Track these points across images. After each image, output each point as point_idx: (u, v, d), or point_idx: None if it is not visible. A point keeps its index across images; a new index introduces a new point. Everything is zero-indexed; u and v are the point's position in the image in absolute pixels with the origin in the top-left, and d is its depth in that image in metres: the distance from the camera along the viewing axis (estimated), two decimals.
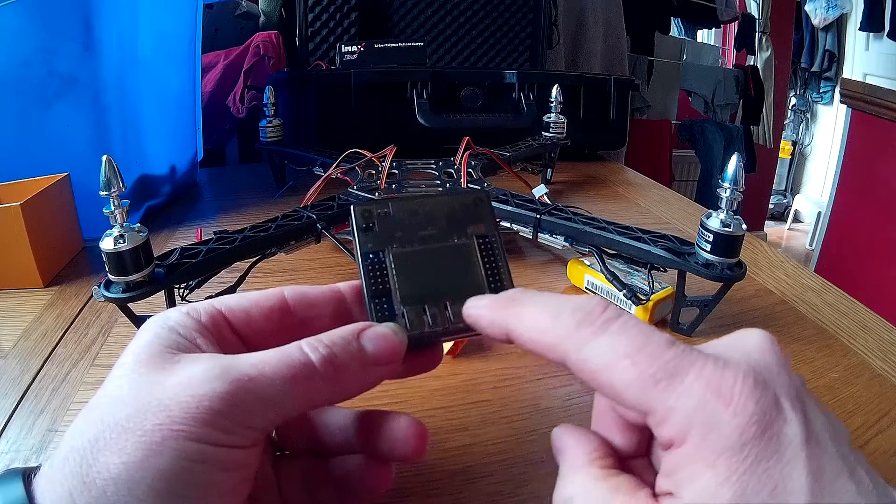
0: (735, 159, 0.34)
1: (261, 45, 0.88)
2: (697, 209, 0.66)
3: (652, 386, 0.16)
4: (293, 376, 0.18)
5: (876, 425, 0.31)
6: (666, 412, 0.16)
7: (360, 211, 0.23)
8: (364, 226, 0.23)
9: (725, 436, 0.15)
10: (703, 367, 0.16)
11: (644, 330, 0.17)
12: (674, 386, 0.16)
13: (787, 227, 3.33)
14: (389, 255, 0.23)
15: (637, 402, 0.17)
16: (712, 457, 0.15)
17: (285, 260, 0.46)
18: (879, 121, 1.33)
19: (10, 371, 0.34)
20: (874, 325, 0.42)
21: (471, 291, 0.22)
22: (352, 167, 0.54)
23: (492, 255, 0.23)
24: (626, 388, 0.17)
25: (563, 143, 0.68)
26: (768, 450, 0.15)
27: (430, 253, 0.23)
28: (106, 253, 0.31)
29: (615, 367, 0.17)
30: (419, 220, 0.24)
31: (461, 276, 0.23)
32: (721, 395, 0.16)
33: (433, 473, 0.26)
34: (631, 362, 0.17)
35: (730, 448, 0.15)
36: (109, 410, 0.17)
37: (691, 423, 0.16)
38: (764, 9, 2.20)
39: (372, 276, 0.22)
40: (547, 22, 0.98)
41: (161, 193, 0.61)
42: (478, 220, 0.24)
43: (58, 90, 0.47)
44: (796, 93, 3.26)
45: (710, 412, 0.16)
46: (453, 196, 0.24)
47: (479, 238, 0.23)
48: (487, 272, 0.23)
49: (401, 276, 0.22)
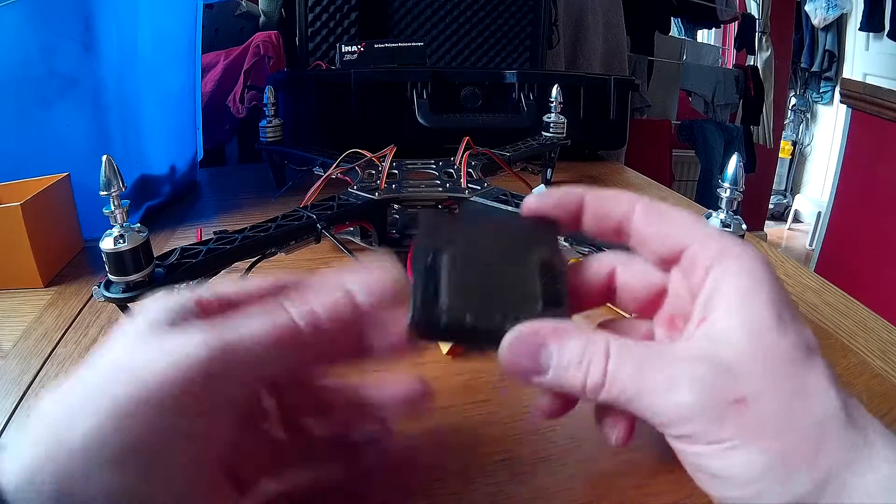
0: (735, 159, 0.34)
1: (261, 45, 0.88)
2: (697, 209, 0.66)
3: (701, 224, 0.22)
4: (278, 338, 0.19)
5: None
6: (710, 238, 0.21)
7: (428, 214, 0.24)
8: (428, 226, 0.23)
9: (757, 256, 0.20)
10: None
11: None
12: (715, 228, 0.22)
13: (787, 227, 3.33)
14: (446, 254, 0.22)
15: (690, 233, 0.21)
16: (749, 266, 0.20)
17: (285, 260, 0.46)
18: (879, 121, 1.33)
19: (10, 371, 0.34)
20: (874, 325, 0.42)
21: (523, 300, 0.21)
22: (352, 167, 0.54)
23: (552, 272, 0.22)
24: (683, 221, 0.22)
25: (563, 143, 0.68)
26: (781, 284, 0.20)
27: (489, 259, 0.22)
28: (106, 253, 0.31)
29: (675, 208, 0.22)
30: (484, 232, 0.23)
31: (517, 284, 0.22)
32: (745, 242, 0.21)
33: (433, 473, 0.26)
34: (686, 210, 0.22)
35: (761, 263, 0.20)
36: (81, 381, 0.17)
37: (729, 245, 0.20)
38: (764, 9, 2.20)
39: (424, 268, 0.21)
40: (547, 22, 0.98)
41: (161, 193, 0.61)
42: (543, 242, 0.23)
43: (58, 90, 0.47)
44: (796, 93, 3.27)
45: (741, 242, 0.21)
46: (522, 218, 0.24)
47: (541, 255, 0.23)
48: (544, 286, 0.21)
49: (454, 273, 0.21)
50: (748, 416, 0.18)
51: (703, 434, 0.18)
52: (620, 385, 0.19)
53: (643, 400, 0.19)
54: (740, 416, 0.18)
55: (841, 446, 0.18)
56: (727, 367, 0.18)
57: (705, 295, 0.20)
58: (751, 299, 0.19)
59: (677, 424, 0.18)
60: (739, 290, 0.19)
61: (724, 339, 0.19)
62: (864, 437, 0.18)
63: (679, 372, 0.18)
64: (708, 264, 0.20)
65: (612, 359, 0.19)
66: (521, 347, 0.20)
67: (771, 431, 0.18)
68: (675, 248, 0.22)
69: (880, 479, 0.17)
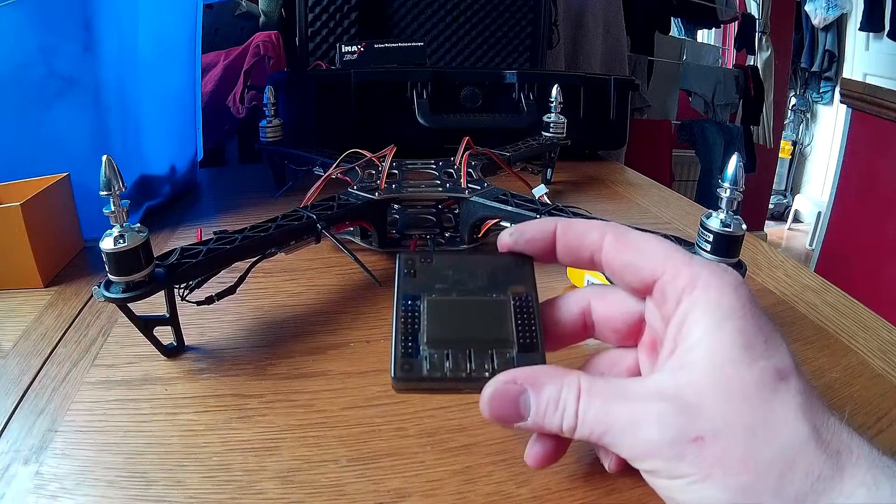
0: (735, 159, 0.34)
1: (261, 45, 0.88)
2: (697, 209, 0.66)
3: (672, 252, 0.22)
4: None
5: (876, 425, 0.31)
6: (681, 267, 0.21)
7: (405, 259, 0.24)
8: (406, 272, 0.24)
9: (728, 282, 0.20)
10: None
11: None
12: (689, 255, 0.22)
13: (787, 227, 3.33)
14: (425, 301, 0.23)
15: (661, 262, 0.21)
16: (718, 296, 0.20)
17: (285, 260, 0.46)
18: (879, 121, 1.33)
19: (10, 371, 0.34)
20: (874, 325, 0.42)
21: (498, 345, 0.22)
22: (352, 167, 0.54)
23: (526, 312, 0.23)
24: (654, 251, 0.22)
25: (563, 143, 0.67)
26: (757, 308, 0.20)
27: (464, 304, 0.23)
28: (106, 253, 0.31)
29: (647, 238, 0.23)
30: (460, 273, 0.24)
31: (492, 329, 0.23)
32: (722, 267, 0.21)
33: (433, 473, 0.26)
34: (658, 238, 0.23)
35: (734, 291, 0.20)
36: None
37: (700, 273, 0.21)
38: (764, 9, 2.20)
39: (404, 318, 0.23)
40: (547, 22, 0.98)
41: (161, 193, 0.61)
42: (519, 281, 0.24)
43: (58, 90, 0.47)
44: (796, 93, 3.26)
45: (716, 269, 0.21)
46: (498, 257, 0.25)
47: (516, 297, 0.24)
48: (518, 328, 0.23)
49: (432, 322, 0.23)
50: (707, 453, 0.18)
51: (666, 469, 0.19)
52: (590, 424, 0.20)
53: (611, 437, 0.20)
54: (700, 452, 0.18)
55: (809, 475, 0.18)
56: (688, 404, 0.19)
57: (675, 326, 0.21)
58: (717, 332, 0.19)
59: (642, 459, 0.19)
60: (706, 323, 0.20)
61: (688, 373, 0.19)
62: (836, 463, 0.18)
63: (641, 410, 0.19)
64: (678, 297, 0.21)
65: (582, 399, 0.20)
66: (500, 399, 0.21)
67: (731, 466, 0.18)
68: (647, 279, 0.22)
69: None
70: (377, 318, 0.40)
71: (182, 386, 0.33)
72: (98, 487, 0.26)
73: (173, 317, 0.35)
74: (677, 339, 0.20)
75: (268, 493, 0.25)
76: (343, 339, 0.37)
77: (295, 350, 0.36)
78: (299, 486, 0.26)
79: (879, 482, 0.17)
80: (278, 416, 0.30)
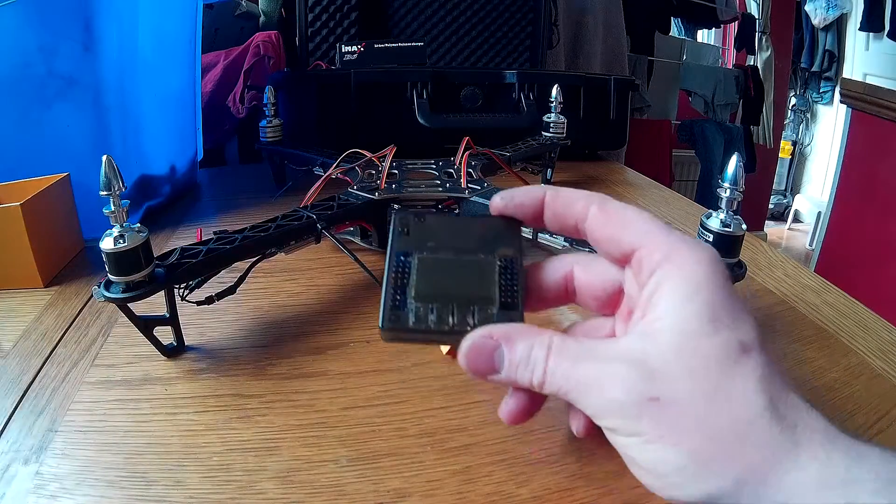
0: (735, 159, 0.34)
1: (261, 45, 0.88)
2: (697, 209, 0.66)
3: (652, 226, 0.22)
4: None
5: (876, 425, 0.31)
6: (659, 241, 0.22)
7: (400, 216, 0.25)
8: (400, 230, 0.25)
9: (702, 257, 0.21)
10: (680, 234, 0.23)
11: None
12: (668, 229, 0.22)
13: (787, 227, 3.33)
14: (415, 258, 0.24)
15: (641, 235, 0.22)
16: (691, 269, 0.21)
17: (285, 260, 0.46)
18: (879, 121, 1.33)
19: (10, 371, 0.34)
20: (874, 325, 0.42)
21: (481, 303, 0.23)
22: (352, 167, 0.54)
23: (510, 274, 0.24)
24: (635, 224, 0.23)
25: (563, 143, 0.67)
26: (726, 283, 0.21)
27: (452, 263, 0.24)
28: (106, 253, 0.31)
29: (629, 210, 0.23)
30: (452, 233, 0.25)
31: (476, 287, 0.24)
32: (697, 242, 0.22)
33: (433, 473, 0.26)
34: (640, 211, 0.24)
35: (706, 265, 0.21)
36: None
37: (676, 246, 0.21)
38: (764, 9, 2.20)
39: (394, 273, 0.24)
40: (547, 22, 0.98)
41: (161, 193, 0.61)
42: (507, 244, 0.25)
43: (58, 90, 0.47)
44: (796, 93, 3.26)
45: (691, 244, 0.22)
46: (489, 219, 0.26)
47: (502, 258, 0.25)
48: (501, 288, 0.24)
49: (420, 278, 0.24)
50: (663, 414, 0.19)
51: (624, 427, 0.20)
52: (558, 380, 0.21)
53: (576, 393, 0.21)
54: (656, 412, 0.19)
55: (762, 446, 0.18)
56: (650, 368, 0.20)
57: (647, 295, 0.21)
58: (685, 303, 0.20)
59: (603, 417, 0.21)
60: (676, 295, 0.21)
61: (654, 339, 0.20)
62: (790, 437, 0.18)
63: (606, 370, 0.20)
64: (653, 267, 0.22)
65: (552, 356, 0.21)
66: (476, 351, 0.22)
67: (685, 430, 0.19)
68: (627, 249, 0.23)
69: (807, 478, 0.18)
70: (377, 318, 0.40)
71: (182, 386, 0.33)
72: (98, 487, 0.26)
73: (173, 317, 0.35)
74: (647, 307, 0.21)
75: (268, 493, 0.25)
76: (343, 339, 0.37)
77: (295, 350, 0.36)
78: (299, 486, 0.26)
79: (832, 457, 0.18)
80: (278, 416, 0.30)
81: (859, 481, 0.17)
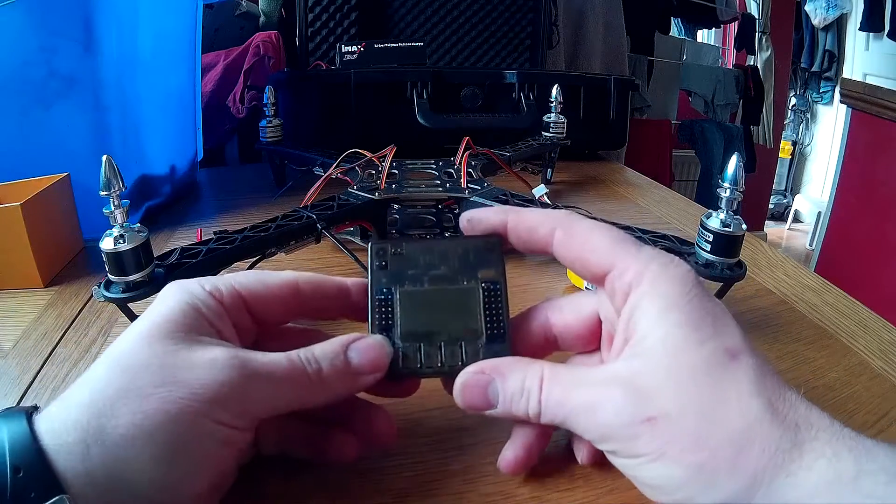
0: (735, 159, 0.34)
1: (261, 45, 0.88)
2: (697, 209, 0.66)
3: (618, 246, 0.22)
4: (293, 380, 0.22)
5: (876, 425, 0.31)
6: (628, 262, 0.22)
7: (376, 249, 0.25)
8: (378, 263, 0.25)
9: (673, 273, 0.21)
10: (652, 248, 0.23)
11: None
12: (636, 247, 0.22)
13: (787, 227, 3.33)
14: (398, 292, 0.24)
15: (607, 257, 0.22)
16: (665, 286, 0.21)
17: (285, 260, 0.46)
18: (879, 121, 1.33)
19: (10, 371, 0.34)
20: (874, 325, 0.42)
21: (467, 336, 0.24)
22: (352, 167, 0.54)
23: (494, 301, 0.24)
24: (601, 246, 0.22)
25: (563, 143, 0.67)
26: (704, 293, 0.21)
27: (435, 294, 0.24)
28: (106, 253, 0.31)
29: (595, 232, 0.23)
30: (431, 259, 0.25)
31: (461, 319, 0.24)
32: (669, 258, 0.22)
33: (433, 473, 0.26)
34: (607, 230, 0.23)
35: (680, 280, 0.21)
36: (135, 374, 0.20)
37: (646, 265, 0.21)
38: (764, 9, 2.20)
39: (378, 311, 0.24)
40: (547, 22, 0.98)
41: (161, 193, 0.61)
42: (488, 265, 0.25)
43: (58, 90, 0.47)
44: (796, 93, 3.27)
45: (663, 260, 0.22)
46: (467, 239, 0.25)
47: (485, 283, 0.24)
48: (486, 318, 0.24)
49: (405, 315, 0.24)
50: (659, 433, 0.19)
51: (624, 449, 0.20)
52: (553, 409, 0.21)
53: (572, 420, 0.21)
54: (653, 432, 0.19)
55: (765, 450, 0.18)
56: (641, 388, 0.20)
57: (625, 319, 0.21)
58: (664, 320, 0.20)
59: (602, 441, 0.21)
60: (653, 313, 0.21)
61: (642, 359, 0.20)
62: (794, 436, 0.18)
63: (598, 394, 0.20)
64: (626, 290, 0.21)
65: (545, 386, 0.21)
66: (470, 389, 0.23)
67: (685, 445, 0.19)
68: (597, 272, 0.23)
69: (816, 477, 0.17)
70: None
71: None
72: None
73: None
74: (628, 330, 0.21)
75: (268, 493, 0.25)
76: None
77: None
78: (299, 486, 0.26)
79: (840, 454, 0.18)
80: None
81: (871, 474, 0.17)
